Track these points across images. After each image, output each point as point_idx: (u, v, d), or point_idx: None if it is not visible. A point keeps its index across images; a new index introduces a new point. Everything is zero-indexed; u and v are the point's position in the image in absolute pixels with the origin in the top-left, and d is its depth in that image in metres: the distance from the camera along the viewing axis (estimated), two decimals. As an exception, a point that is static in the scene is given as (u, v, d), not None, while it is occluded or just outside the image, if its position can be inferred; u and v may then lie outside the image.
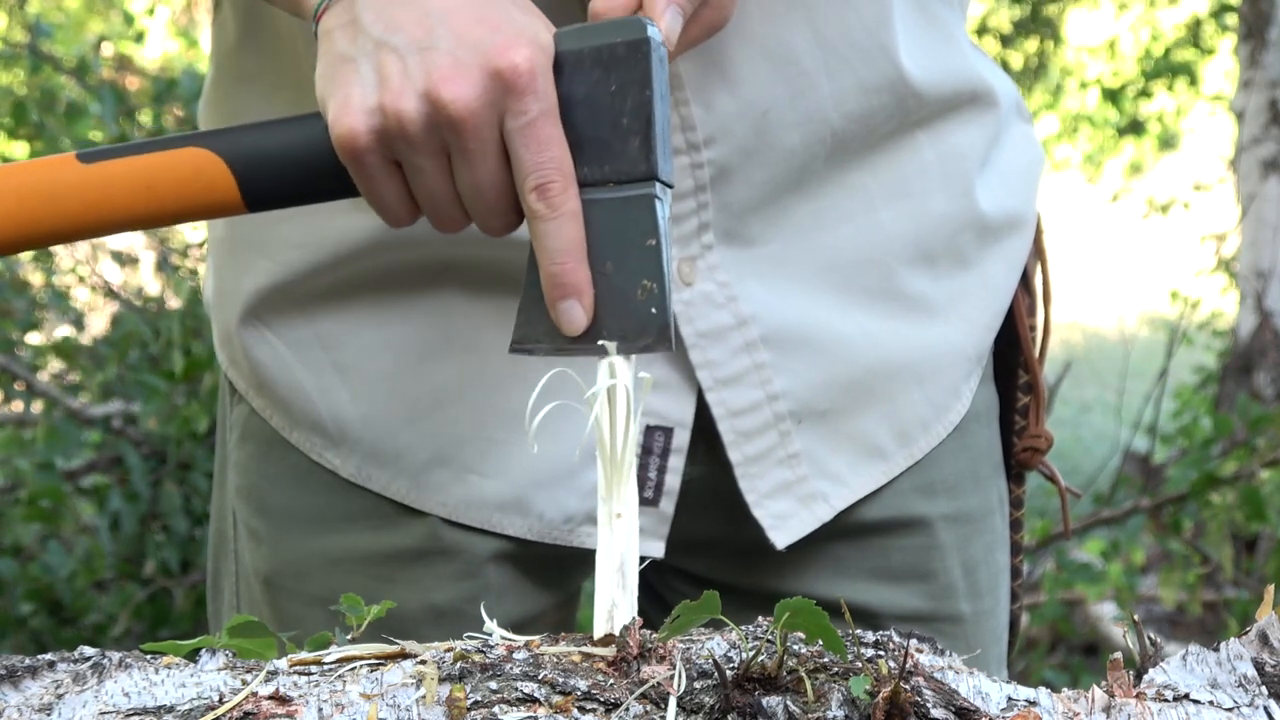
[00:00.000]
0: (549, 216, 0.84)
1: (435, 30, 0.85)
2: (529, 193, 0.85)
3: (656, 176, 0.85)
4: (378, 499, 1.10)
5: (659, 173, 0.85)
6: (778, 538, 1.08)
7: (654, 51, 0.85)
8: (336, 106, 0.86)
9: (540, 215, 0.85)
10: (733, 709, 0.68)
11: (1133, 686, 0.72)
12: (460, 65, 0.83)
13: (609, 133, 0.85)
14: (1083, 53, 8.51)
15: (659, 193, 0.85)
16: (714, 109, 1.01)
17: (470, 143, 0.84)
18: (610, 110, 0.85)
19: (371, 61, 0.85)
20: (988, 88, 1.14)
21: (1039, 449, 1.21)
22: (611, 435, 0.80)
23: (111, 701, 0.69)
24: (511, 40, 0.84)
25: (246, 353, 1.12)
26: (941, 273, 1.12)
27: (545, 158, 0.84)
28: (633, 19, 0.86)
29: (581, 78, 0.86)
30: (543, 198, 0.84)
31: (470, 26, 0.84)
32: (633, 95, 0.85)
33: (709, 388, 1.06)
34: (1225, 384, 5.29)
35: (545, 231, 0.85)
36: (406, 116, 0.84)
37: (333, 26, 0.88)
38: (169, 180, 0.90)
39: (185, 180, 0.90)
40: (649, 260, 0.85)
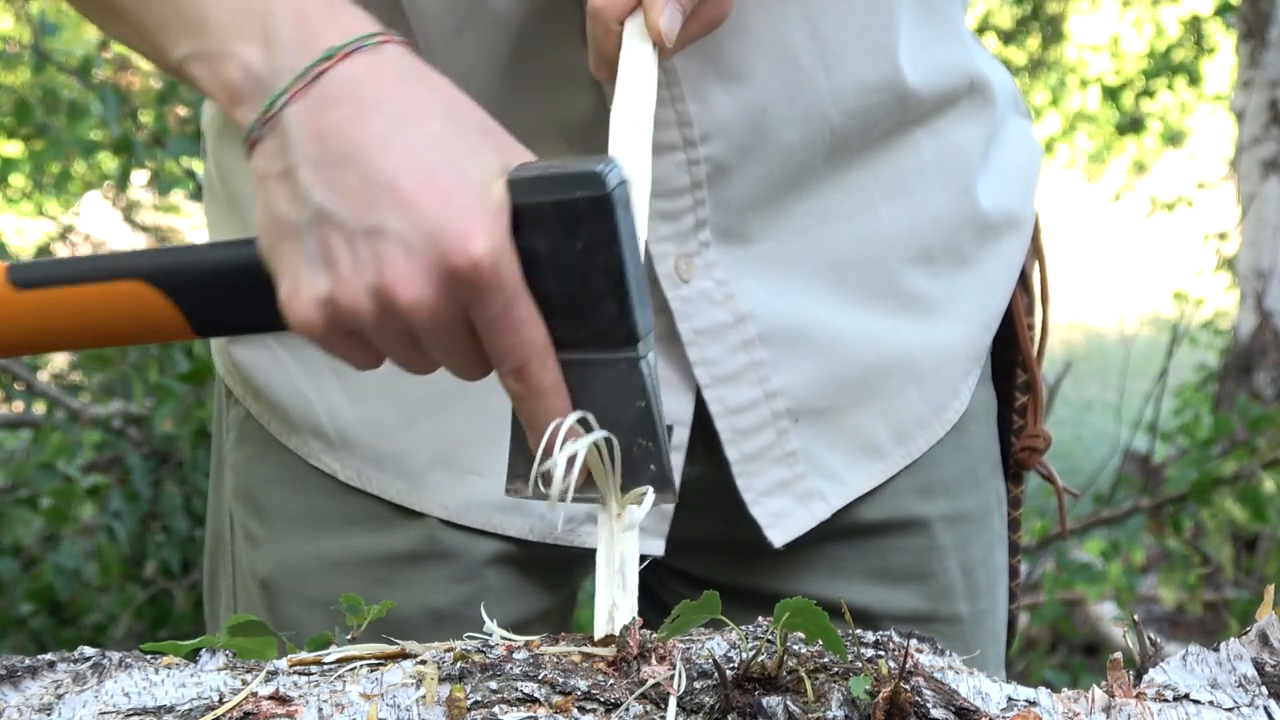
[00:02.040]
0: (529, 396, 0.80)
1: (380, 204, 0.78)
2: (505, 374, 0.81)
3: (637, 339, 0.79)
4: (376, 501, 1.10)
5: (639, 333, 0.79)
6: (775, 536, 1.08)
7: (617, 205, 0.78)
8: (286, 290, 0.81)
9: (520, 395, 0.81)
10: (733, 709, 0.68)
11: (1133, 686, 0.72)
12: (414, 261, 0.77)
13: (580, 294, 0.79)
14: (1085, 50, 8.51)
15: (642, 351, 0.80)
16: (710, 105, 1.01)
17: (431, 338, 0.80)
18: (578, 269, 0.79)
19: (315, 237, 0.79)
20: (985, 81, 1.14)
21: (1037, 449, 1.21)
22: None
23: (111, 701, 0.69)
24: (467, 224, 0.77)
25: (243, 356, 1.12)
26: (940, 271, 1.12)
27: (516, 341, 0.79)
28: (591, 171, 0.78)
29: (543, 234, 0.79)
30: (520, 379, 0.80)
31: (418, 198, 0.78)
32: (600, 255, 0.78)
33: (707, 385, 1.06)
34: (1225, 384, 5.29)
35: (527, 408, 0.81)
36: (362, 312, 0.79)
37: (268, 174, 0.82)
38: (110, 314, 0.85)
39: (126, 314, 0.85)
40: (642, 420, 0.80)
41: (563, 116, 1.02)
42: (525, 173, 0.80)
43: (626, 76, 0.91)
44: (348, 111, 0.80)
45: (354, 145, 0.79)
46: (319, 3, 0.84)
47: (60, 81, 3.48)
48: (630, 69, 0.91)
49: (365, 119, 0.80)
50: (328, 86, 0.81)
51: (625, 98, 0.91)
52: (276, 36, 0.83)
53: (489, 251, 0.77)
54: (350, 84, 0.81)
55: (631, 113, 0.90)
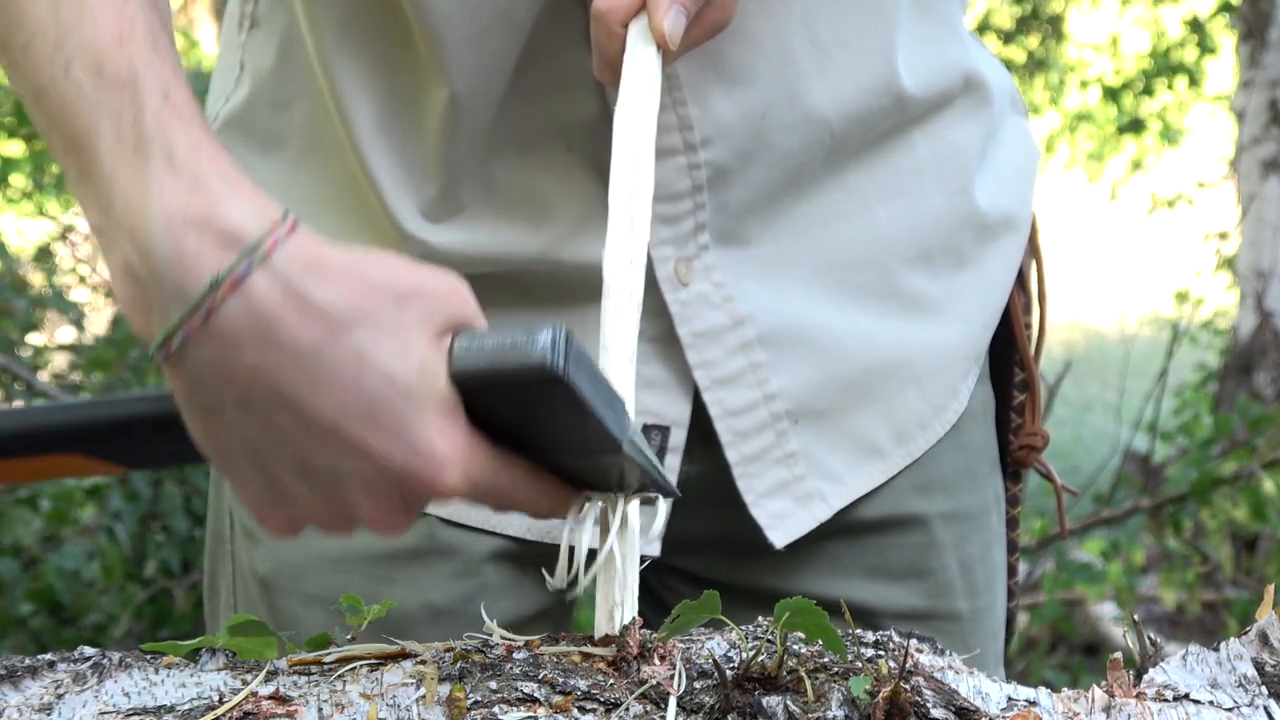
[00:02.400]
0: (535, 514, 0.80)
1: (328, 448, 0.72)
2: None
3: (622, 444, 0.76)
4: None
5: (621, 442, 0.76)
6: (776, 537, 1.08)
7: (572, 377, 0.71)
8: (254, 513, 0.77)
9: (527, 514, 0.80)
10: (733, 709, 0.68)
11: (1133, 686, 0.72)
12: (380, 499, 0.74)
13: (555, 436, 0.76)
14: (1085, 49, 8.51)
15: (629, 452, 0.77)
16: (711, 110, 1.01)
17: None
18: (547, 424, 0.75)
19: (266, 473, 0.74)
20: (982, 80, 1.14)
21: (1035, 447, 1.21)
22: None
23: (111, 701, 0.69)
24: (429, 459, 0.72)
25: None
26: (939, 271, 1.13)
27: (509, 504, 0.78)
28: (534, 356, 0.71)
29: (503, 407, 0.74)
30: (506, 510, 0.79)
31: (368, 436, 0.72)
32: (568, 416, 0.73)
33: (706, 387, 1.06)
34: (1225, 384, 5.30)
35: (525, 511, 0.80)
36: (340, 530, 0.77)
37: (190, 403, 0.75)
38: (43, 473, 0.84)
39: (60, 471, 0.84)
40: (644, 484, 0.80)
41: (566, 120, 1.02)
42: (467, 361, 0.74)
43: (630, 79, 0.91)
44: (256, 353, 0.72)
45: (278, 390, 0.72)
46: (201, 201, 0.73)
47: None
48: (634, 72, 0.91)
49: (279, 359, 0.72)
50: (224, 324, 0.72)
51: (629, 101, 0.91)
52: (153, 248, 0.72)
53: (461, 477, 0.73)
54: (248, 319, 0.71)
55: (635, 116, 0.91)
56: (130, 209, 0.73)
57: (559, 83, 1.01)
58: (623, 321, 0.87)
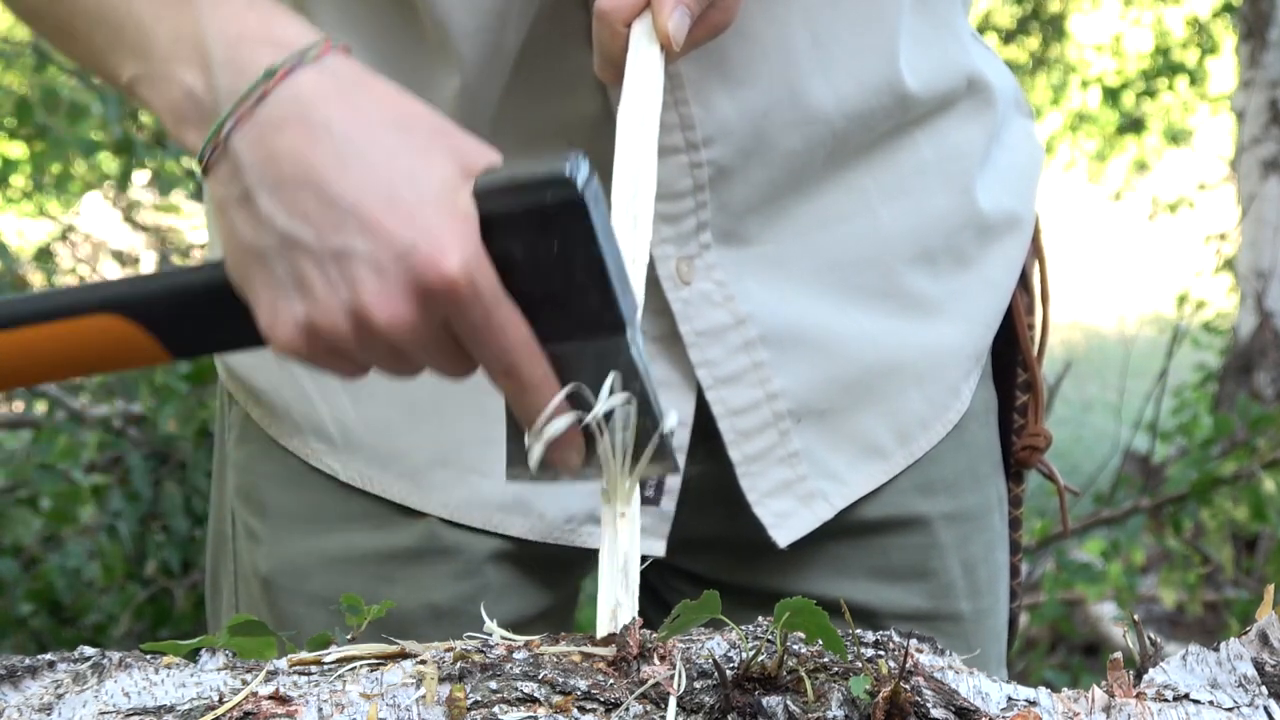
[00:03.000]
0: (520, 392, 0.80)
1: (345, 227, 0.77)
2: (494, 376, 0.80)
3: (623, 325, 0.79)
4: (377, 500, 1.10)
5: (625, 319, 0.79)
6: (779, 536, 1.08)
7: (590, 204, 0.77)
8: (265, 316, 0.80)
9: (511, 392, 0.81)
10: (733, 709, 0.68)
11: (1133, 686, 0.72)
12: (387, 281, 0.77)
13: (562, 289, 0.79)
14: (1086, 50, 8.51)
15: (630, 336, 0.80)
16: (713, 109, 1.01)
17: (414, 351, 0.80)
18: (558, 268, 0.78)
19: (285, 262, 0.79)
20: (985, 81, 1.14)
21: (1038, 447, 1.21)
22: (614, 438, 0.80)
23: (111, 701, 0.69)
24: (437, 242, 0.76)
25: (243, 361, 1.12)
26: (941, 271, 1.13)
27: (501, 345, 0.79)
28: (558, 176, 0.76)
29: (517, 239, 0.78)
30: (510, 378, 0.80)
31: (384, 219, 0.77)
32: (579, 253, 0.78)
33: (708, 386, 1.06)
34: (1225, 384, 5.30)
35: (521, 403, 0.81)
36: (341, 333, 0.79)
37: (225, 200, 0.81)
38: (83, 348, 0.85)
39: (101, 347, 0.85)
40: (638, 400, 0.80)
41: (567, 119, 1.02)
42: (491, 181, 0.79)
43: (633, 79, 0.91)
44: (297, 134, 0.79)
45: (309, 169, 0.78)
46: (255, 19, 0.82)
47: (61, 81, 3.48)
48: (637, 71, 0.91)
49: (316, 140, 0.78)
50: (272, 109, 0.79)
51: (631, 100, 0.91)
52: (212, 58, 0.81)
53: (462, 265, 0.76)
54: (294, 104, 0.79)
55: (638, 115, 0.91)
56: (182, 38, 0.82)
57: (561, 82, 1.01)
58: None
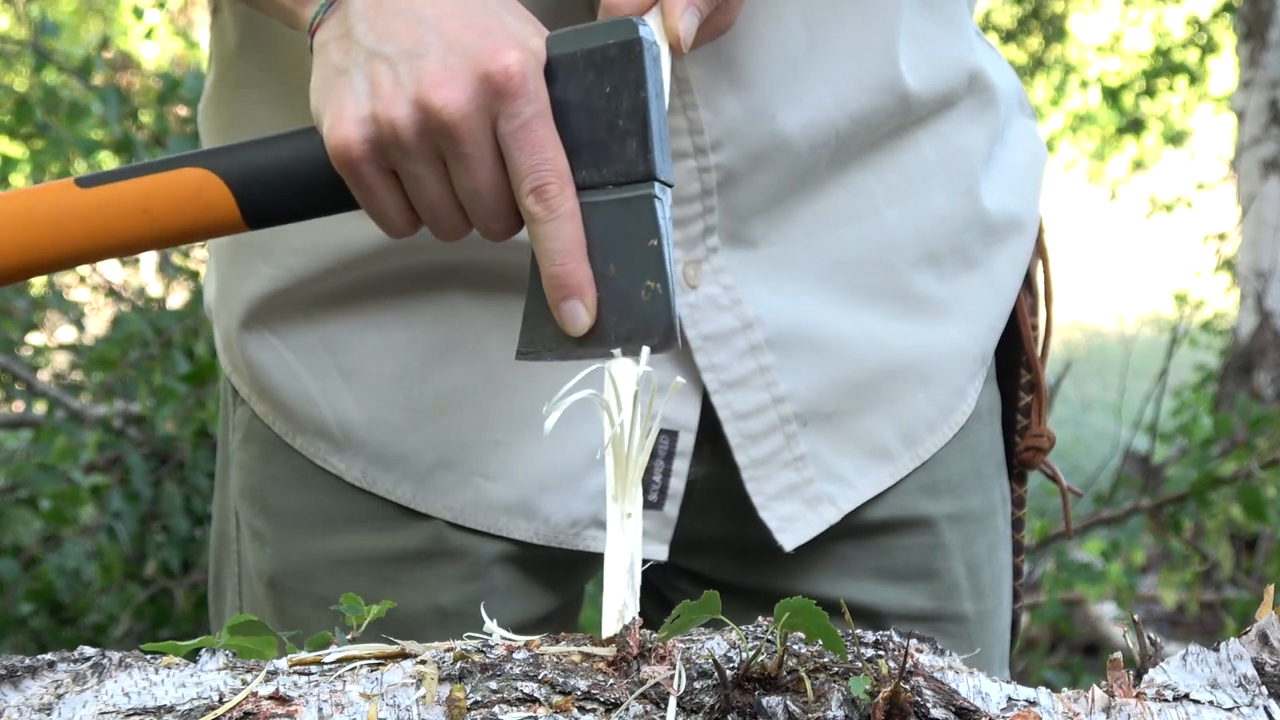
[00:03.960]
0: (547, 218, 0.84)
1: (426, 38, 0.85)
2: (526, 195, 0.84)
3: (655, 176, 0.84)
4: (383, 501, 1.10)
5: (658, 172, 0.84)
6: (785, 540, 1.08)
7: (646, 51, 0.85)
8: (331, 118, 0.86)
9: (538, 217, 0.85)
10: (733, 709, 0.68)
11: (1133, 686, 0.72)
12: (450, 70, 0.84)
13: (605, 135, 0.85)
14: (1087, 50, 8.50)
15: (659, 192, 0.85)
16: (722, 113, 1.01)
17: (464, 147, 0.84)
18: (606, 112, 0.85)
19: (364, 71, 0.86)
20: (988, 80, 1.13)
21: (1041, 448, 1.21)
22: (624, 435, 0.80)
23: (111, 701, 0.69)
24: (501, 44, 0.84)
25: (249, 357, 1.12)
26: (947, 272, 1.12)
27: (540, 159, 0.84)
28: (624, 20, 0.86)
29: (575, 81, 0.85)
30: (540, 200, 0.84)
31: (461, 32, 0.85)
32: (628, 96, 0.84)
33: (715, 391, 1.06)
34: (1225, 384, 5.29)
35: (544, 233, 0.85)
36: (399, 124, 0.84)
37: (327, 39, 0.88)
38: (168, 201, 0.89)
39: (184, 201, 0.89)
40: (651, 261, 0.84)
41: None
42: (561, 31, 0.87)
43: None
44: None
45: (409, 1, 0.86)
46: None
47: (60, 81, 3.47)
48: None
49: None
50: None
51: None
52: None
53: (518, 61, 0.83)
54: None
55: None
56: None
57: None
58: None
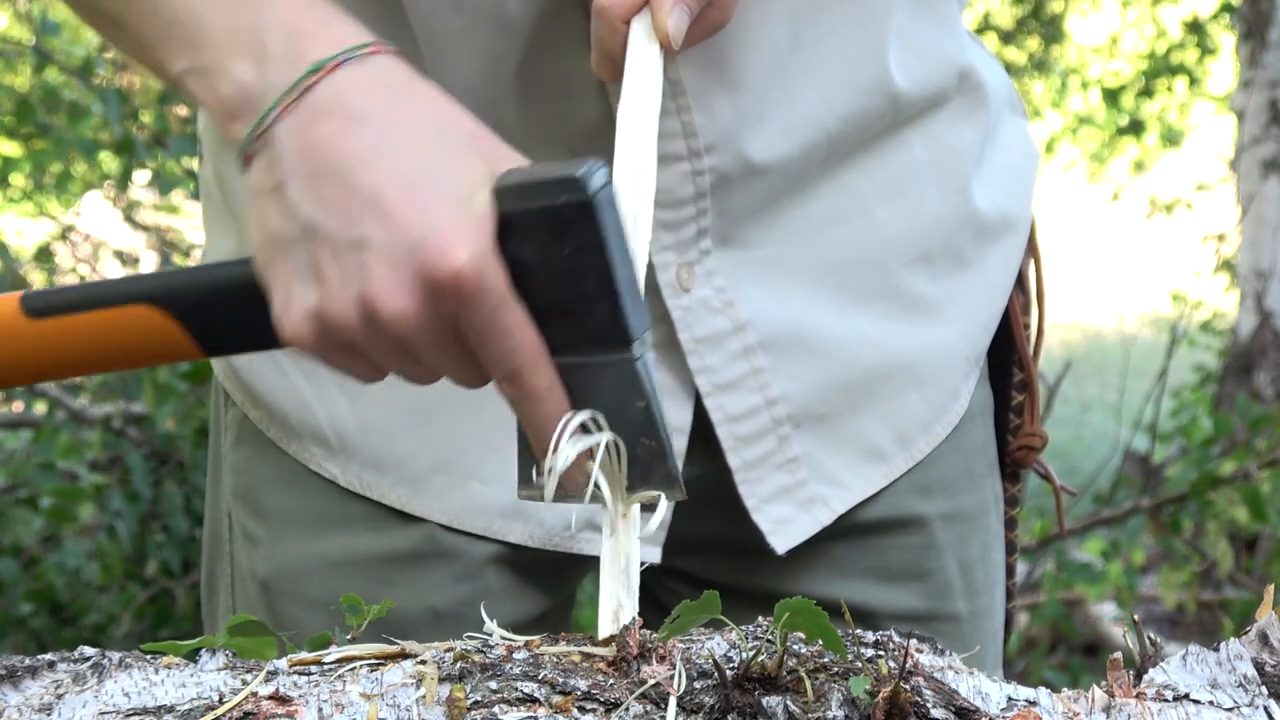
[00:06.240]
0: (524, 400, 0.80)
1: (364, 217, 0.78)
2: (499, 381, 0.81)
3: (631, 339, 0.79)
4: (376, 503, 1.10)
5: (633, 334, 0.79)
6: (778, 543, 1.08)
7: (601, 210, 0.77)
8: (278, 304, 0.82)
9: (515, 399, 0.81)
10: (733, 709, 0.68)
11: (1133, 686, 0.72)
12: (397, 273, 0.78)
13: (572, 298, 0.79)
14: (1085, 51, 8.50)
15: (638, 352, 0.79)
16: (715, 115, 1.01)
17: (421, 348, 0.80)
18: (568, 275, 0.78)
19: (304, 251, 0.80)
20: (978, 79, 1.13)
21: (1034, 447, 1.21)
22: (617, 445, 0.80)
23: (111, 701, 0.69)
24: (449, 236, 0.77)
25: (242, 363, 1.12)
26: (939, 272, 1.12)
27: (507, 348, 0.79)
28: (571, 172, 0.77)
29: (531, 241, 0.78)
30: (513, 384, 0.80)
31: (401, 210, 0.78)
32: (589, 260, 0.77)
33: (707, 393, 1.06)
34: (1225, 384, 5.30)
35: (524, 411, 0.81)
36: (349, 325, 0.80)
37: (261, 188, 0.83)
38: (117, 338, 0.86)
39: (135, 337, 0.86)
40: (643, 419, 0.80)
41: (568, 125, 1.02)
42: (509, 180, 0.79)
43: (632, 78, 0.91)
44: (335, 125, 0.80)
45: (341, 159, 0.80)
46: (312, 16, 0.84)
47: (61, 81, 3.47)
48: (636, 70, 0.91)
49: (352, 133, 0.80)
50: (317, 100, 0.81)
51: (631, 99, 0.90)
52: (267, 51, 0.83)
53: (470, 261, 0.77)
54: (338, 97, 0.81)
55: (637, 113, 0.90)
56: (236, 33, 0.84)
57: (561, 86, 1.00)
58: None
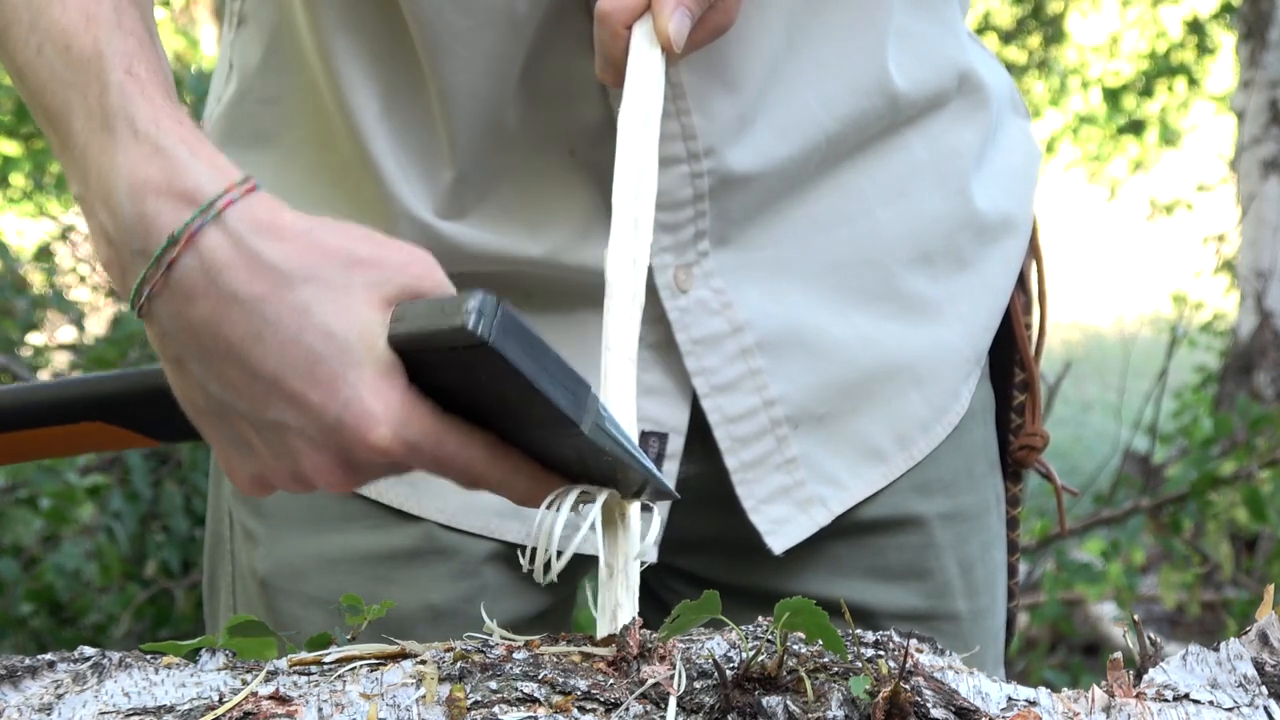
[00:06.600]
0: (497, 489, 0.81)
1: (271, 400, 0.77)
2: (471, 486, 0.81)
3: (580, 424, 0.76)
4: (375, 503, 1.10)
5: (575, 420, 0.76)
6: (775, 543, 1.08)
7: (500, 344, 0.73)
8: (221, 463, 0.82)
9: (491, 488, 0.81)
10: (733, 709, 0.68)
11: (1133, 686, 0.72)
12: (323, 454, 0.77)
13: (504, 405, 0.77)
14: (1086, 50, 8.50)
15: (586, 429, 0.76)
16: (715, 117, 1.01)
17: None
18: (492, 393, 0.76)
19: (227, 424, 0.79)
20: (979, 80, 1.13)
21: (1035, 447, 1.21)
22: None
23: (111, 701, 0.69)
24: (363, 414, 0.75)
25: None
26: (939, 273, 1.12)
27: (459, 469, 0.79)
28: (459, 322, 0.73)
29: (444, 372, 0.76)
30: (482, 485, 0.81)
31: (305, 393, 0.76)
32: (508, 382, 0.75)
33: (705, 394, 1.06)
34: (1225, 384, 5.30)
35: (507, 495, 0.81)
36: (297, 489, 0.81)
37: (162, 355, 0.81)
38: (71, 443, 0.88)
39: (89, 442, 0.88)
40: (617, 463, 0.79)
41: (569, 127, 1.02)
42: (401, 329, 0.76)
43: (634, 81, 0.91)
44: (208, 306, 0.77)
45: (226, 343, 0.77)
46: (159, 168, 0.78)
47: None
48: (637, 74, 0.91)
49: (227, 312, 0.76)
50: (182, 279, 0.77)
51: (632, 102, 0.91)
52: (120, 209, 0.78)
53: (391, 434, 0.76)
54: (201, 275, 0.77)
55: (638, 118, 0.90)
56: (102, 177, 0.79)
57: (564, 88, 1.00)
58: (625, 322, 0.87)
